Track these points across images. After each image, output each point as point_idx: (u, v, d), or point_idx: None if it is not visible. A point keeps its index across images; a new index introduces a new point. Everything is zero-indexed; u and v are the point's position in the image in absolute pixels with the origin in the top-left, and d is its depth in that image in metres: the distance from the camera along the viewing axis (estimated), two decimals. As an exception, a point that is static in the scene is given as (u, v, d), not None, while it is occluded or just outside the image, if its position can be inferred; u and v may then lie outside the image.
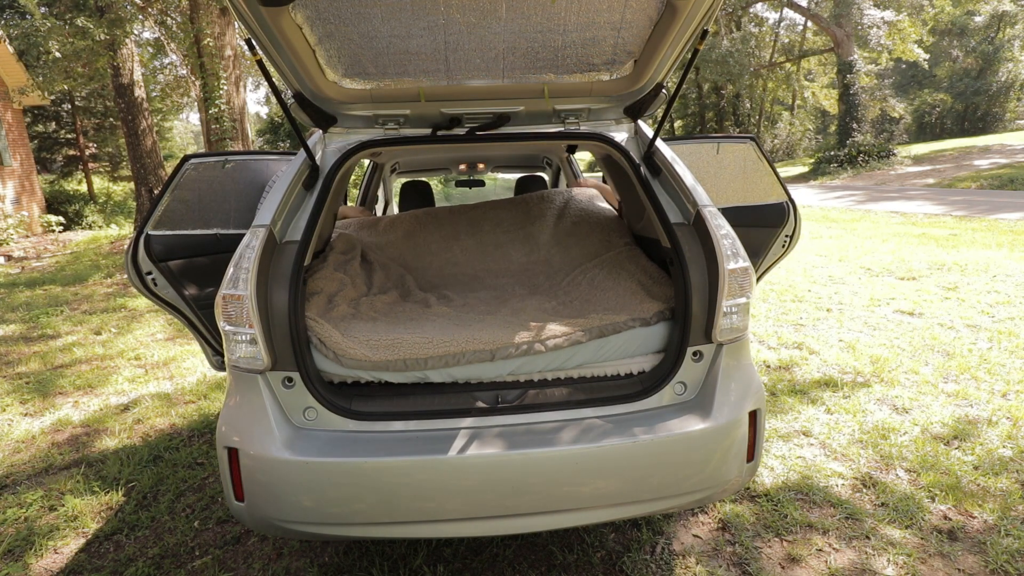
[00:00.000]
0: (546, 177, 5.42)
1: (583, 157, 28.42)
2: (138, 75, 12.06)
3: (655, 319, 2.03)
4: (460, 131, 2.20)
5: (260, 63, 1.75)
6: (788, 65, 31.43)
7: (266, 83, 2.14)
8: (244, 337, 1.77)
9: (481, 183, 6.50)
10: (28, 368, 4.72)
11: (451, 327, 2.09)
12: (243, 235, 1.85)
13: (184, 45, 10.86)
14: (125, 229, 13.81)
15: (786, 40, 32.26)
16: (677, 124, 36.04)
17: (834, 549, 2.25)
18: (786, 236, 3.07)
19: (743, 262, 1.89)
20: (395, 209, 6.27)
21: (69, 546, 2.47)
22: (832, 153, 22.71)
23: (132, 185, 15.03)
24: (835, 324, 4.86)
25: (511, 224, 3.09)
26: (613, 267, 2.46)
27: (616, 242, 2.72)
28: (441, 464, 1.69)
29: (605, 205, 3.24)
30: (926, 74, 34.33)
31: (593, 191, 3.42)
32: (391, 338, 1.94)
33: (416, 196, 4.45)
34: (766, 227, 3.01)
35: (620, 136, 2.27)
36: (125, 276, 7.82)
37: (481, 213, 3.17)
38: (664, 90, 2.16)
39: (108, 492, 2.84)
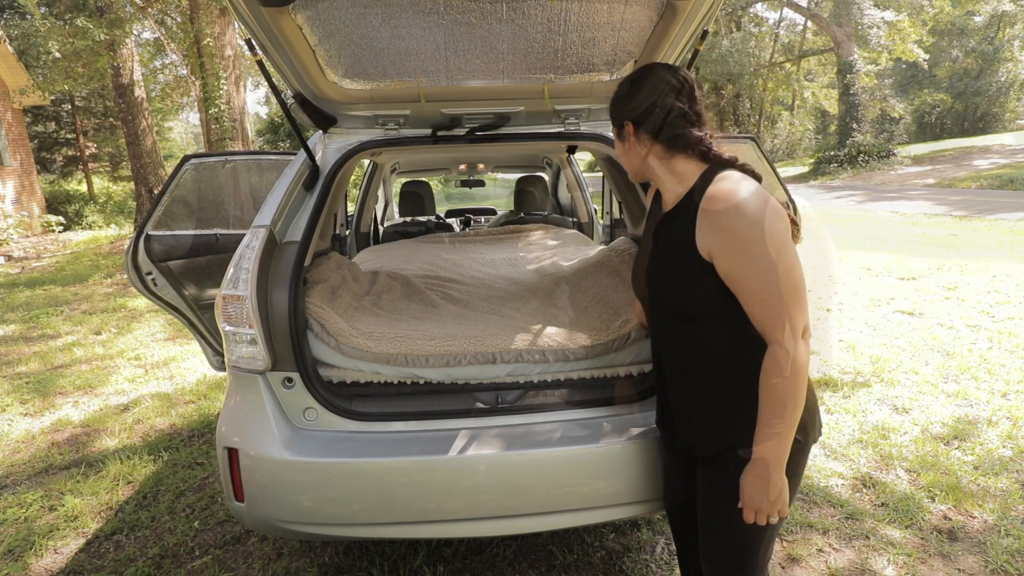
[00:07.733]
0: (546, 177, 5.41)
1: (583, 157, 28.33)
2: (138, 75, 12.07)
3: None
4: (460, 131, 2.20)
5: (260, 63, 1.75)
6: (788, 65, 31.37)
7: (266, 83, 2.14)
8: (244, 337, 1.77)
9: (481, 183, 6.50)
10: (28, 368, 4.72)
11: (453, 326, 2.09)
12: (243, 235, 1.85)
13: (184, 45, 10.88)
14: (125, 229, 13.81)
15: (786, 40, 32.22)
16: (677, 124, 35.91)
17: (834, 549, 2.25)
18: None
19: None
20: (395, 210, 6.27)
21: (69, 546, 2.47)
22: (832, 153, 22.69)
23: (132, 185, 15.01)
24: (835, 324, 4.86)
25: (512, 242, 3.12)
26: (618, 272, 2.45)
27: (620, 247, 2.71)
28: (441, 464, 1.68)
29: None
30: (926, 74, 34.26)
31: None
32: (393, 332, 1.95)
33: (416, 196, 4.45)
34: None
35: None
36: (125, 276, 7.81)
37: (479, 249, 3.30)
38: None
39: (108, 492, 2.84)
